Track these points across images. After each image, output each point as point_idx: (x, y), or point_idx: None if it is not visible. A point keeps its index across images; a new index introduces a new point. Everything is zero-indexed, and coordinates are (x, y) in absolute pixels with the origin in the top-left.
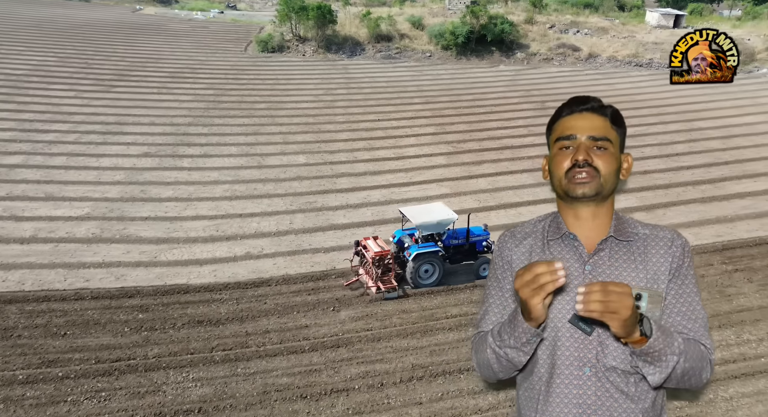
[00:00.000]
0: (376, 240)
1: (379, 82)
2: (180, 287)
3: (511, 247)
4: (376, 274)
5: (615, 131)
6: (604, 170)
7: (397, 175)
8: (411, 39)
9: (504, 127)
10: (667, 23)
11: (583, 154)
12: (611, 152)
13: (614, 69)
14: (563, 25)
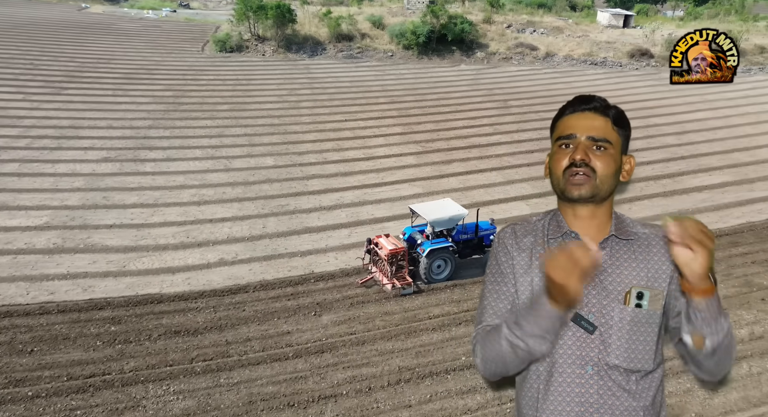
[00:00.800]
0: (388, 237)
1: (342, 82)
2: (153, 297)
3: (512, 243)
4: (392, 271)
5: (616, 132)
6: (601, 171)
7: (369, 175)
8: (372, 38)
9: (470, 127)
10: (618, 23)
11: (581, 154)
12: (610, 153)
13: (571, 67)
14: (520, 24)
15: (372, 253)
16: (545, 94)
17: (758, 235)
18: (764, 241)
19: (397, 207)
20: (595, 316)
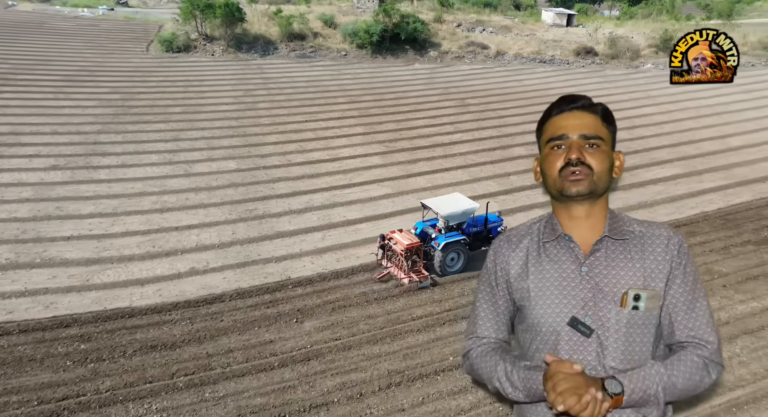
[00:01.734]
0: (401, 232)
1: (299, 82)
2: (123, 311)
3: (507, 252)
4: (408, 266)
5: (606, 129)
6: (597, 168)
7: (336, 177)
8: (325, 38)
9: (431, 125)
10: (561, 22)
11: (576, 153)
12: (603, 150)
13: (521, 66)
14: (469, 23)
15: (386, 249)
16: (500, 92)
17: (712, 224)
18: (719, 229)
19: (369, 208)
20: (591, 319)
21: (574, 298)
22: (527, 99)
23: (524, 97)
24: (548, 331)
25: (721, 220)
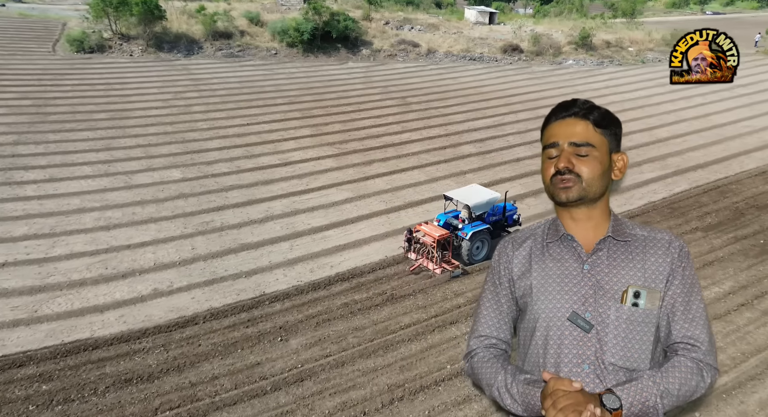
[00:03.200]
0: (428, 224)
1: (231, 83)
2: (85, 343)
3: (510, 252)
4: (440, 257)
5: (600, 134)
6: (586, 176)
7: (291, 182)
8: (252, 36)
9: (378, 125)
10: (484, 20)
11: (564, 162)
12: (595, 156)
13: (452, 63)
14: (397, 21)
15: (413, 242)
16: (438, 90)
17: (661, 213)
18: (668, 218)
19: (333, 214)
20: (591, 315)
21: (575, 294)
22: (466, 96)
23: (463, 95)
24: (548, 325)
25: (668, 209)
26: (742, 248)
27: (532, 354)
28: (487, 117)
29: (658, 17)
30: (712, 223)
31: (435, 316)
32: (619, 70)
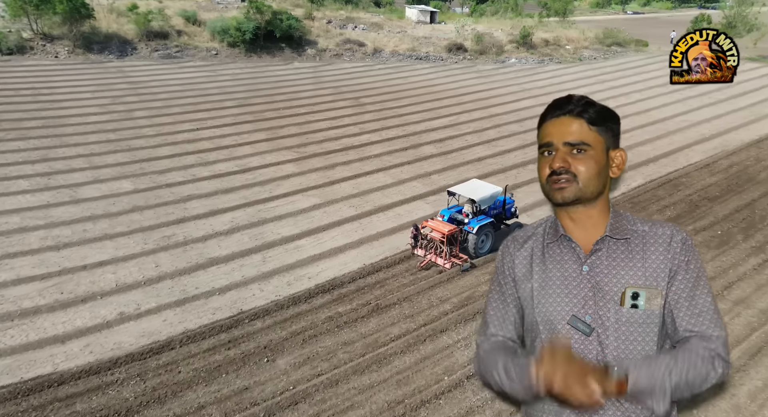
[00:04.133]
0: (434, 220)
1: (173, 86)
2: (48, 378)
3: (513, 252)
4: (449, 252)
5: (596, 132)
6: (582, 175)
7: (253, 190)
8: (190, 36)
9: (335, 127)
10: (425, 19)
11: (559, 162)
12: (590, 155)
13: (399, 62)
14: (340, 20)
15: (420, 238)
16: (391, 90)
17: (623, 207)
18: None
19: (303, 222)
20: (591, 318)
21: (575, 297)
22: (419, 96)
23: (416, 94)
24: (549, 329)
25: (629, 204)
26: (703, 240)
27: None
28: (443, 116)
29: (584, 16)
30: (672, 216)
31: (424, 324)
32: (560, 67)
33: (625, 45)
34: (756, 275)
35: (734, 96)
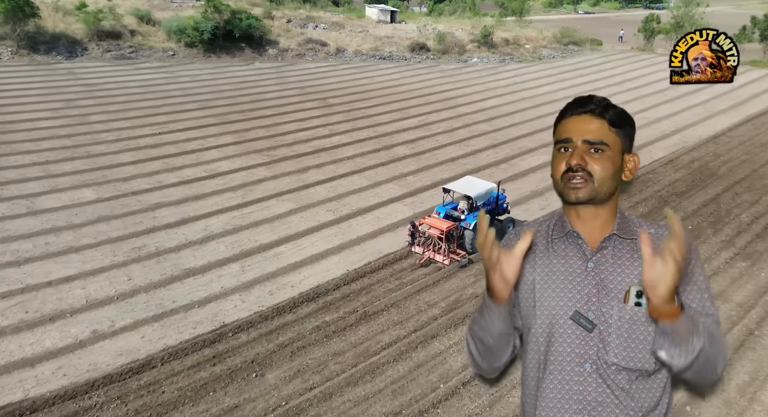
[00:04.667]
0: (430, 217)
1: (130, 88)
2: (20, 406)
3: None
4: (448, 248)
5: (615, 134)
6: (598, 175)
7: (225, 196)
8: (144, 36)
9: (304, 129)
10: (386, 18)
11: (577, 159)
12: (608, 156)
13: (363, 62)
14: (300, 19)
15: (417, 236)
16: (357, 90)
17: None
18: None
19: (280, 228)
20: (594, 315)
21: (578, 292)
22: (387, 96)
23: (383, 94)
24: (551, 323)
25: None
26: None
27: (534, 351)
28: (412, 116)
29: (539, 16)
30: (644, 213)
31: (414, 331)
32: (521, 66)
33: (581, 44)
34: (729, 269)
35: (688, 93)
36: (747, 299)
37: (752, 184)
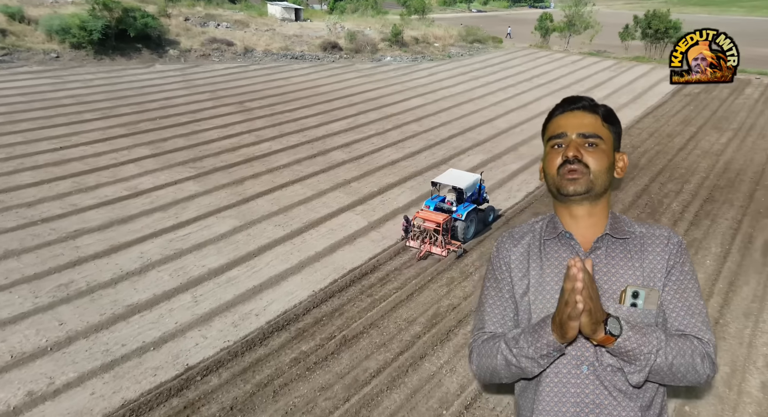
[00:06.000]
0: (423, 211)
1: (11, 97)
2: None
3: (509, 247)
4: (443, 239)
5: (607, 129)
6: (594, 167)
7: (155, 216)
8: (18, 36)
9: (228, 136)
10: (290, 16)
11: (573, 151)
12: (602, 149)
13: (275, 63)
14: (199, 17)
15: (411, 230)
16: (275, 92)
17: (543, 201)
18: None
19: (226, 248)
20: None
21: None
22: (308, 98)
23: (303, 96)
24: None
25: (546, 199)
26: None
27: None
28: (340, 119)
29: (436, 14)
30: None
31: (400, 353)
32: (434, 65)
33: (484, 42)
34: None
35: (592, 87)
36: (701, 289)
37: (672, 173)
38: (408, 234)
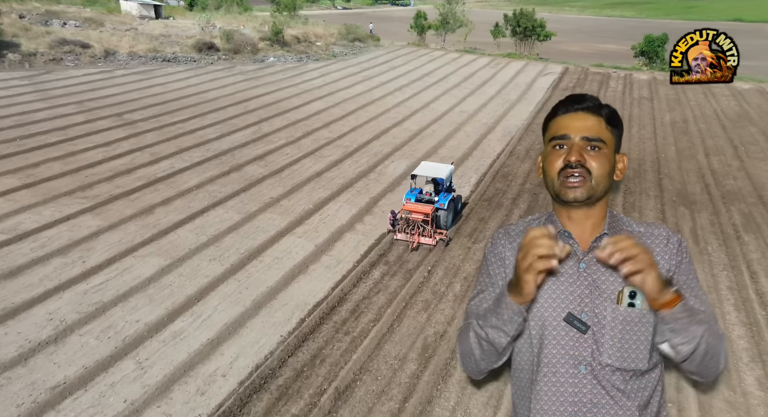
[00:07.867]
0: (408, 203)
1: None
2: None
3: (505, 243)
4: (432, 230)
5: (610, 132)
6: (596, 172)
7: (54, 264)
8: None
9: (115, 156)
10: (149, 14)
11: (576, 155)
12: (605, 153)
13: (145, 66)
14: (38, 15)
15: (399, 223)
16: (157, 101)
17: (483, 207)
18: (495, 211)
19: (160, 297)
20: (587, 316)
21: (571, 294)
22: (196, 106)
23: (190, 104)
24: (543, 325)
25: (485, 202)
26: None
27: (526, 354)
28: (242, 128)
29: (303, 11)
30: (527, 209)
31: (404, 400)
32: (321, 65)
33: (363, 40)
34: None
35: (481, 85)
36: None
37: None
38: (395, 227)
